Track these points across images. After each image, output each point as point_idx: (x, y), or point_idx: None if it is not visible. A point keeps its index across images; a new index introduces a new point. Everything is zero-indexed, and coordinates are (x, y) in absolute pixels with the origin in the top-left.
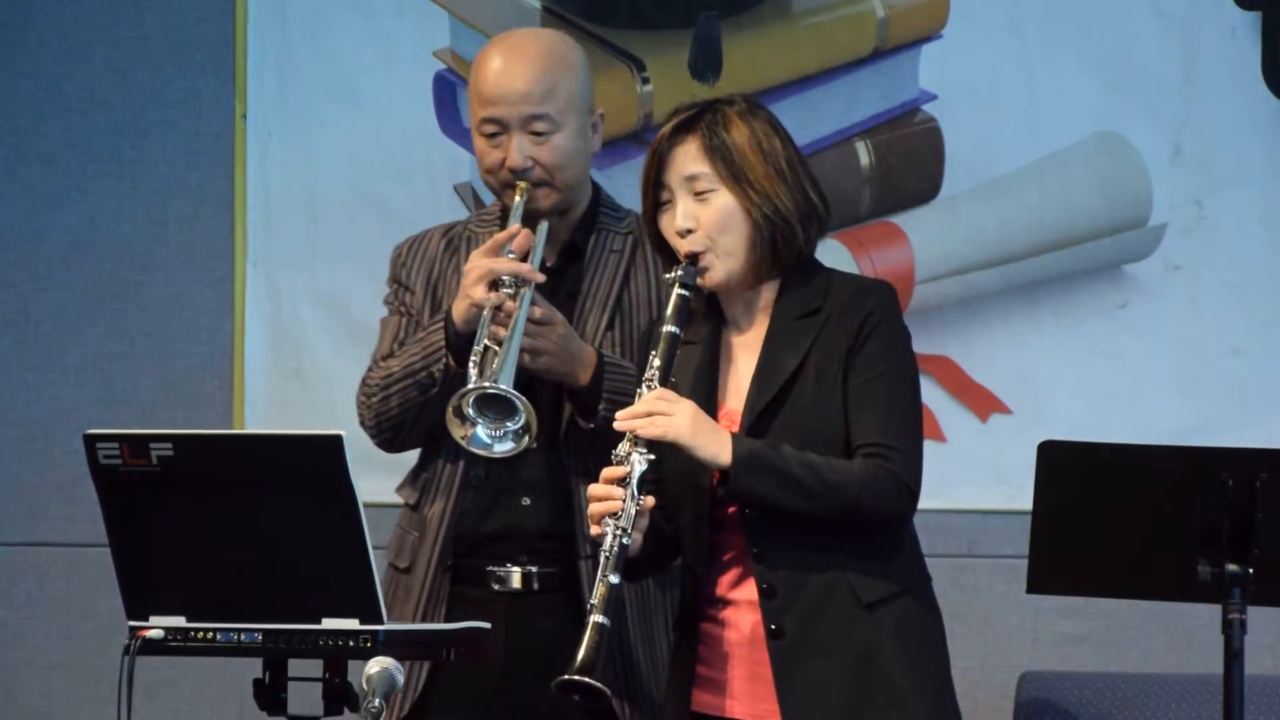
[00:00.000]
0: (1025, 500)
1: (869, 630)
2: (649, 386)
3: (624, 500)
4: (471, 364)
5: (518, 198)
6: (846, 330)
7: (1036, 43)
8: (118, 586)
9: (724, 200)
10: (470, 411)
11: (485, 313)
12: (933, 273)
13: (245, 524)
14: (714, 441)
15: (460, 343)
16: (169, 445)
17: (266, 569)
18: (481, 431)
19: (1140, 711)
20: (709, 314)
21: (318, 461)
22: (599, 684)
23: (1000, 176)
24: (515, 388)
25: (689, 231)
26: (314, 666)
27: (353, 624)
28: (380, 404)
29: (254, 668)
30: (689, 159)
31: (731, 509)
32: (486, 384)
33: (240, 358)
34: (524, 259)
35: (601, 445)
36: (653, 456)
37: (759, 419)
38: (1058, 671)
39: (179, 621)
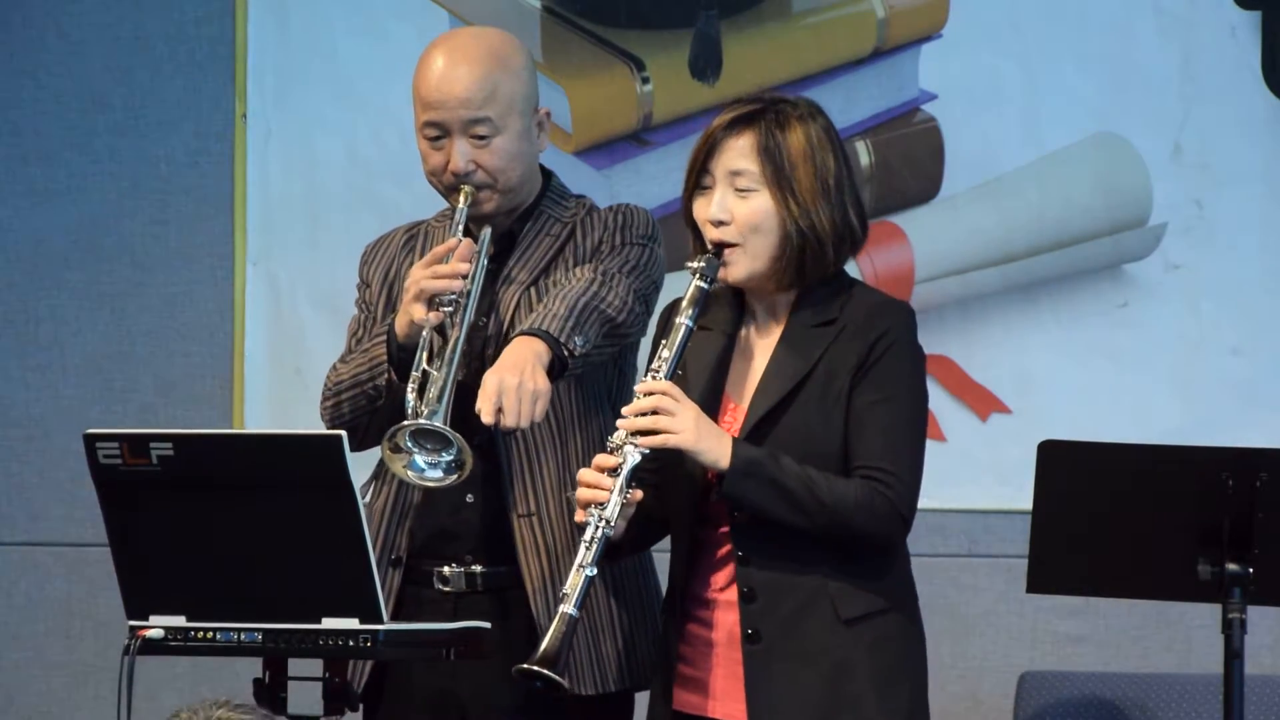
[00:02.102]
0: (1025, 500)
1: (844, 646)
2: (654, 377)
3: (612, 491)
4: (410, 390)
5: (461, 202)
6: (857, 348)
7: (1036, 43)
8: (118, 586)
9: (763, 203)
10: (406, 444)
11: (425, 334)
12: (933, 273)
13: (245, 524)
14: (715, 447)
15: (402, 356)
16: (169, 445)
17: (266, 569)
18: (419, 458)
19: (1140, 711)
20: (732, 302)
21: (318, 461)
22: (557, 676)
23: (1000, 176)
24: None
25: (721, 223)
26: (314, 666)
27: (353, 624)
28: (333, 409)
29: (254, 668)
30: (739, 154)
31: (724, 508)
32: (421, 421)
33: (240, 358)
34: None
35: (538, 438)
36: (648, 450)
37: (761, 422)
38: (1058, 671)
39: (179, 621)
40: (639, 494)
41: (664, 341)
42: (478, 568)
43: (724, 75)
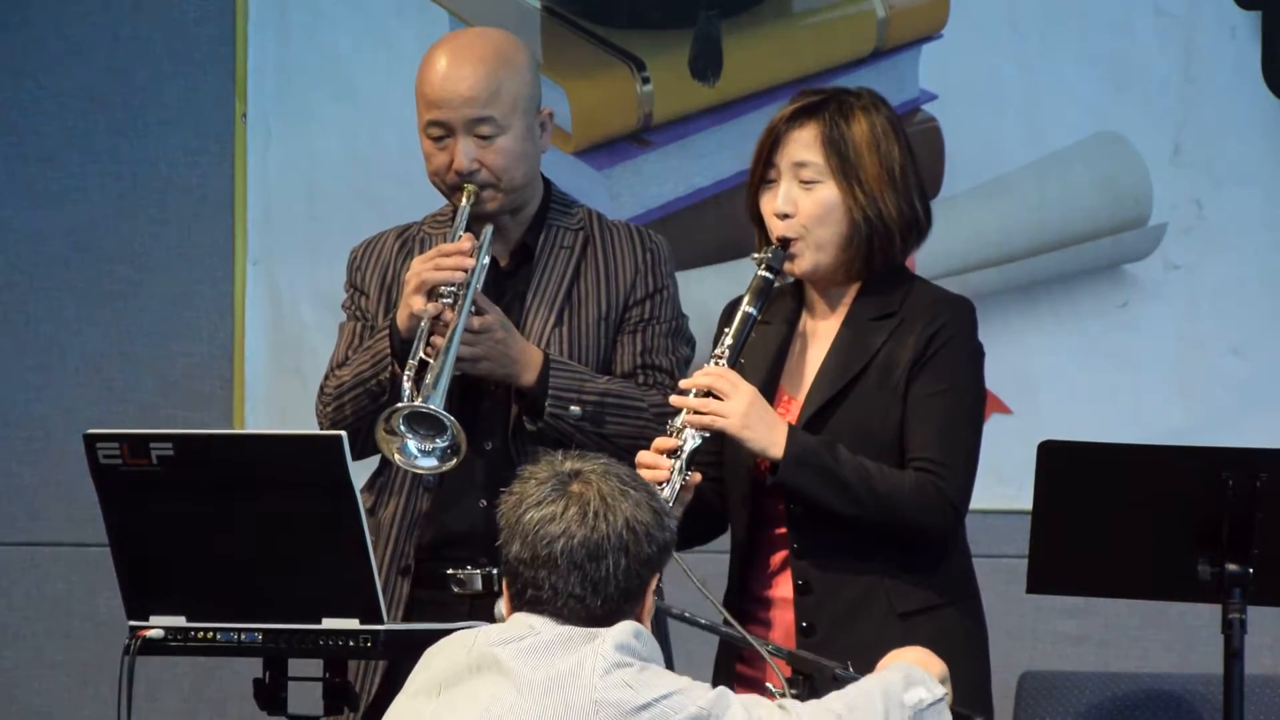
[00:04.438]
0: (1025, 500)
1: (900, 640)
2: (716, 363)
3: (670, 472)
4: (406, 378)
5: (464, 201)
6: (916, 341)
7: (1036, 42)
8: (118, 586)
9: (828, 193)
10: (401, 428)
11: (423, 324)
12: (933, 273)
13: (245, 524)
14: (767, 433)
15: (405, 350)
16: (169, 445)
17: (266, 569)
18: (411, 444)
19: (1140, 711)
20: (793, 294)
21: (318, 461)
22: None
23: (1000, 176)
24: (464, 388)
25: (787, 216)
26: (314, 666)
27: (353, 624)
28: (335, 413)
29: (254, 668)
30: (803, 145)
31: (779, 502)
32: (416, 403)
33: (240, 358)
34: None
35: (555, 442)
36: (708, 433)
37: (817, 414)
38: (1058, 671)
39: (179, 621)
40: (697, 477)
41: (726, 330)
42: (494, 569)
43: (724, 75)
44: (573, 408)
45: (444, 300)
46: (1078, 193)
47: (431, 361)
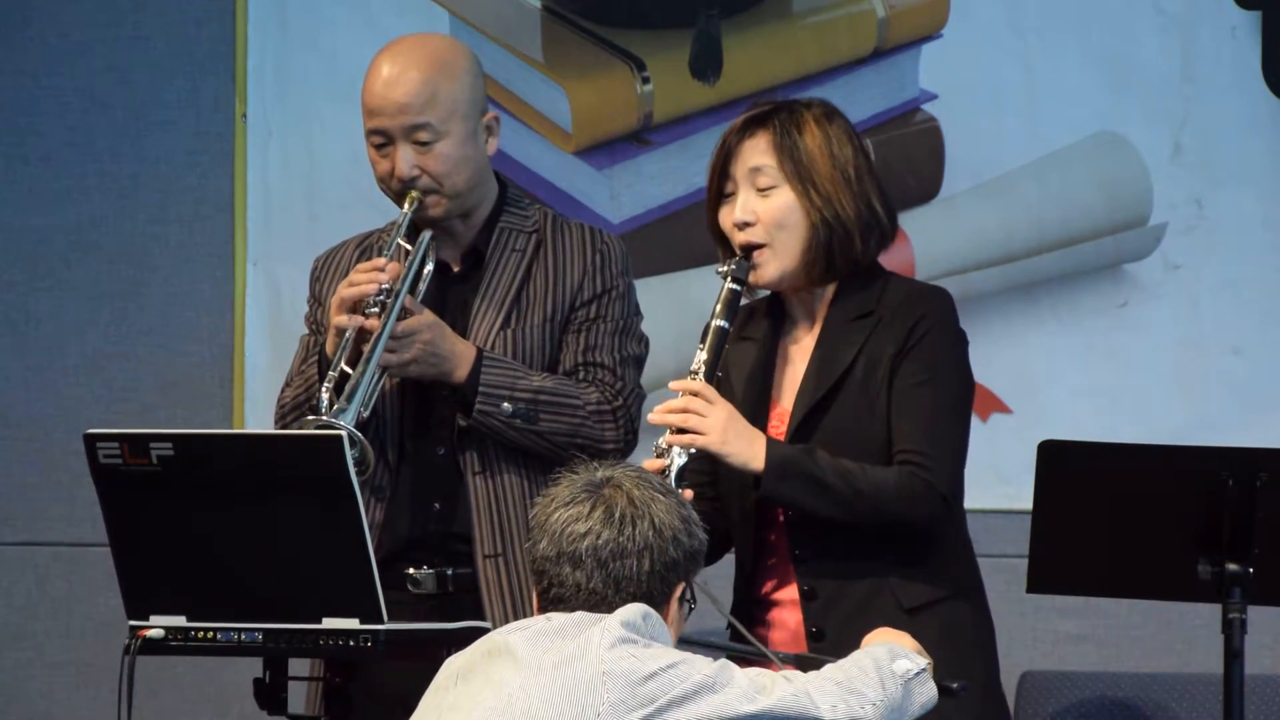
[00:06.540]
0: (1025, 500)
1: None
2: (692, 378)
3: None
4: (325, 389)
5: (406, 207)
6: (896, 334)
7: (1036, 43)
8: (118, 586)
9: (785, 198)
10: None
11: (348, 335)
12: (933, 272)
13: (245, 524)
14: (745, 448)
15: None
16: (169, 445)
17: (266, 569)
18: None
19: (1140, 711)
20: (770, 311)
21: (318, 461)
22: None
23: (1000, 176)
24: (416, 397)
25: (747, 225)
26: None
27: (353, 624)
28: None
29: (254, 668)
30: (757, 152)
31: (777, 509)
32: (323, 417)
33: (240, 358)
34: (394, 283)
35: (497, 442)
36: (694, 450)
37: (807, 418)
38: (1058, 671)
39: (179, 621)
40: (688, 494)
41: (701, 346)
42: (448, 570)
43: (724, 75)
44: (504, 404)
45: (371, 310)
46: (1078, 193)
47: (352, 373)
